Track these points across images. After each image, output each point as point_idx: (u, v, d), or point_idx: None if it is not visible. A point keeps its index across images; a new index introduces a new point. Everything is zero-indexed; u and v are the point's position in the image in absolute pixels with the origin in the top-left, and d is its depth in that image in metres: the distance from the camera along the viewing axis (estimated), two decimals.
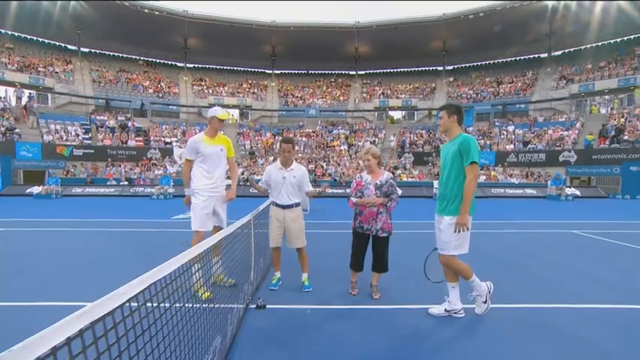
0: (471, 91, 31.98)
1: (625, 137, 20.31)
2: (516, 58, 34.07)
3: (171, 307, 1.66)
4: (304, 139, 27.74)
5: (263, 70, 37.17)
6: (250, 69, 37.32)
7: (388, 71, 37.29)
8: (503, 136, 25.42)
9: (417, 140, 26.89)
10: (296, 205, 4.04)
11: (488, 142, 24.76)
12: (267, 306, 3.52)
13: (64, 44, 31.51)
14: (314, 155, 25.16)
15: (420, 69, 36.93)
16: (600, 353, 2.64)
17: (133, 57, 34.28)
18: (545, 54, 31.61)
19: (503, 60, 34.51)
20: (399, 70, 37.19)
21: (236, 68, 37.00)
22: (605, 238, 7.16)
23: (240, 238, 3.30)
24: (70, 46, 31.55)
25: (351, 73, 37.35)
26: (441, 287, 3.56)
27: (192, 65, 35.47)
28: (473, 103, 30.33)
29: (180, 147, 24.24)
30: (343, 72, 37.67)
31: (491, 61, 34.77)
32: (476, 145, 3.06)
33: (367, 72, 37.48)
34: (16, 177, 19.64)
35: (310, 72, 37.89)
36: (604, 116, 24.32)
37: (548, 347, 2.73)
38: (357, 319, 3.29)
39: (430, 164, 23.66)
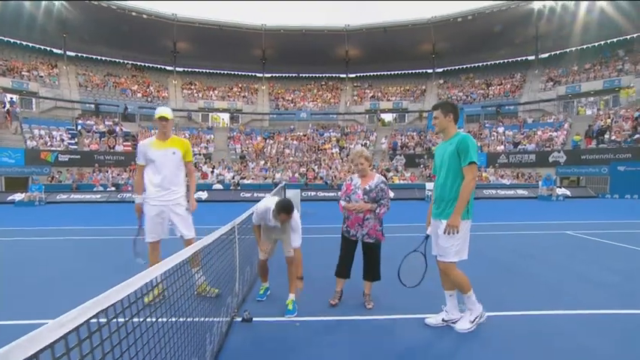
0: (460, 93, 32.19)
1: (612, 137, 20.56)
2: (505, 61, 34.44)
3: (134, 330, 1.46)
4: (295, 142, 27.53)
5: (253, 73, 36.93)
6: (241, 72, 37.03)
7: (379, 74, 37.36)
8: (493, 137, 25.57)
9: (408, 142, 26.89)
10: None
11: (479, 144, 24.87)
12: (253, 319, 3.30)
13: (49, 48, 30.85)
14: (305, 159, 24.96)
15: (410, 71, 37.08)
16: None
17: (121, 61, 33.77)
18: (533, 56, 32.02)
19: (493, 62, 34.85)
20: (389, 72, 37.28)
21: (226, 72, 36.69)
22: (598, 238, 7.09)
23: (223, 247, 3.07)
24: (55, 50, 30.90)
25: (341, 76, 37.33)
26: (437, 295, 3.37)
27: (181, 69, 35.07)
28: (463, 104, 30.50)
29: None
30: (334, 75, 37.64)
31: (480, 64, 35.07)
32: (474, 144, 2.91)
33: (358, 75, 37.52)
34: None
35: (301, 75, 37.76)
36: (590, 117, 24.64)
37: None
38: (350, 331, 3.08)
39: (422, 166, 23.64)
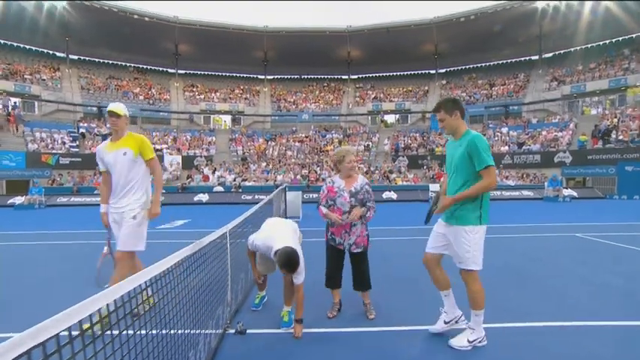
0: (464, 94, 31.90)
1: (619, 137, 20.21)
2: (508, 61, 34.12)
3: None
4: (297, 144, 27.35)
5: (255, 75, 36.84)
6: (242, 74, 36.95)
7: (381, 75, 37.15)
8: (497, 137, 25.26)
9: (411, 143, 26.63)
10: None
11: None
12: (247, 331, 3.07)
13: (51, 51, 30.90)
14: (307, 160, 24.77)
15: (412, 72, 36.82)
16: None
17: (123, 63, 33.77)
18: (537, 56, 31.68)
19: (496, 62, 34.54)
20: (391, 73, 37.06)
21: (228, 74, 36.60)
22: (609, 241, 6.81)
23: (213, 253, 2.85)
24: (58, 53, 30.95)
25: (343, 77, 37.15)
26: (436, 303, 3.13)
27: (183, 71, 35.01)
28: (466, 105, 30.19)
29: (170, 154, 23.72)
30: (336, 76, 37.48)
31: (483, 64, 34.77)
32: (486, 144, 2.66)
33: (360, 76, 37.33)
34: None
35: (303, 77, 37.63)
36: (596, 117, 24.28)
37: None
38: (350, 344, 2.85)
39: (425, 167, 23.37)
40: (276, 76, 37.25)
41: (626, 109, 22.44)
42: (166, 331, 1.90)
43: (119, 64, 33.62)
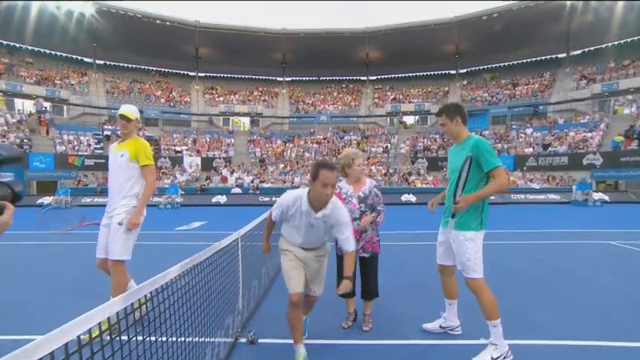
0: (485, 94, 31.02)
1: None
2: (533, 59, 32.90)
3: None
4: (315, 145, 27.31)
5: (274, 77, 37.06)
6: (261, 76, 37.26)
7: (400, 76, 36.62)
8: (521, 139, 24.39)
9: (430, 145, 26.10)
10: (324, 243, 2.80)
11: (506, 146, 23.78)
12: (259, 340, 2.98)
13: (80, 57, 32.12)
14: None
15: (432, 73, 36.11)
16: None
17: (146, 67, 34.68)
18: (564, 54, 30.41)
19: (519, 61, 33.35)
20: (411, 74, 36.47)
21: (247, 76, 37.00)
22: None
23: (224, 260, 2.76)
24: (86, 59, 32.14)
25: (362, 78, 36.87)
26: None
27: (203, 74, 35.64)
28: (488, 106, 29.38)
29: (190, 156, 24.15)
30: (354, 78, 37.23)
31: (506, 63, 33.65)
32: (490, 147, 2.71)
33: (378, 77, 36.93)
34: (29, 187, 19.77)
35: (321, 78, 37.59)
36: (630, 116, 23.04)
37: None
38: (366, 357, 2.71)
39: (445, 169, 22.82)
40: (294, 78, 37.36)
41: None
42: (171, 341, 1.82)
43: (142, 68, 34.57)
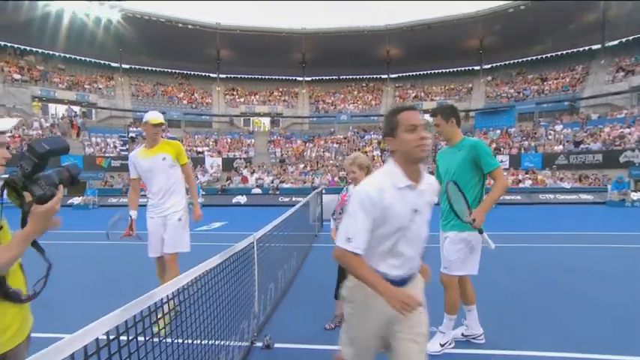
0: (511, 90, 29.93)
1: None
2: (563, 52, 31.46)
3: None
4: (335, 145, 27.21)
5: (294, 77, 37.23)
6: (281, 77, 37.51)
7: (421, 73, 35.90)
8: (550, 136, 23.36)
9: None
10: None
11: (533, 144, 22.84)
12: (275, 345, 2.95)
13: (107, 62, 33.39)
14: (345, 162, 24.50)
15: (455, 69, 35.25)
16: None
17: (169, 70, 35.65)
18: (598, 45, 28.86)
19: (548, 55, 31.98)
20: (433, 71, 35.75)
21: (267, 77, 37.35)
22: None
23: (239, 264, 2.73)
24: (112, 64, 33.37)
25: (382, 76, 36.44)
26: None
27: (224, 76, 36.27)
28: (514, 102, 28.32)
29: (211, 156, 24.60)
30: (375, 76, 36.85)
31: (534, 57, 32.37)
32: (487, 147, 2.77)
33: (400, 75, 36.36)
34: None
35: (341, 77, 37.44)
36: None
37: None
38: None
39: None
40: (314, 78, 37.37)
41: None
42: (184, 344, 1.80)
43: (165, 71, 35.56)
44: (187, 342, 1.88)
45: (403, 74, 36.20)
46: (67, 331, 1.08)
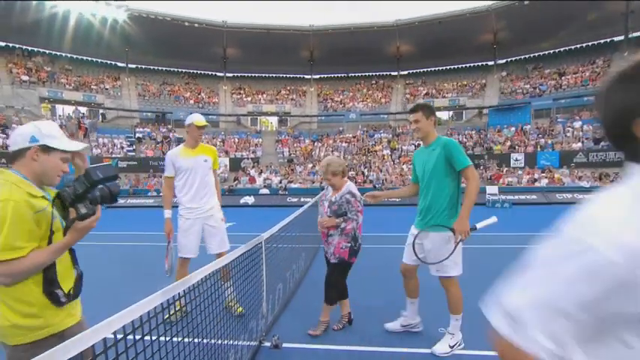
0: (527, 86, 29.54)
1: None
2: (582, 45, 30.89)
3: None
4: (344, 144, 27.24)
5: (301, 75, 37.33)
6: (288, 75, 37.62)
7: (433, 70, 35.73)
8: (568, 133, 23.03)
9: (466, 142, 25.24)
10: None
11: (550, 141, 22.53)
12: (283, 345, 3.02)
13: (113, 62, 33.98)
14: (355, 161, 24.52)
15: (467, 65, 34.92)
16: None
17: (176, 70, 36.10)
18: (621, 36, 28.23)
19: (566, 48, 31.44)
20: (444, 67, 35.50)
21: (274, 75, 37.51)
22: None
23: (247, 264, 2.81)
24: (119, 64, 33.95)
25: (392, 73, 36.31)
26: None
27: (231, 74, 36.59)
28: (530, 98, 27.94)
29: (218, 156, 24.84)
30: (384, 73, 36.75)
31: (551, 51, 31.90)
32: (460, 146, 2.90)
33: (410, 72, 36.20)
34: None
35: (350, 75, 37.41)
36: None
37: None
38: None
39: (482, 167, 22.00)
40: (322, 76, 37.43)
41: None
42: (193, 343, 1.88)
43: (172, 70, 36.02)
44: (196, 341, 1.95)
45: (414, 71, 36.05)
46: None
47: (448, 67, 35.38)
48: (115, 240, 8.37)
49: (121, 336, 1.31)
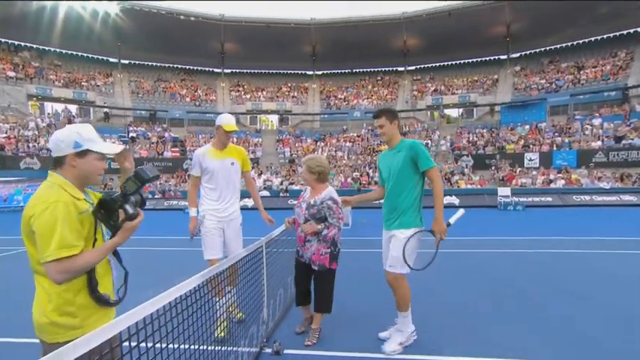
0: (542, 81, 29.48)
1: None
2: (602, 37, 30.70)
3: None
4: (348, 144, 27.27)
5: (303, 71, 37.44)
6: (289, 71, 37.76)
7: (442, 64, 35.70)
8: (587, 131, 22.94)
9: (477, 141, 25.21)
10: None
11: (567, 140, 22.45)
12: (284, 351, 3.05)
13: (105, 57, 34.20)
14: (359, 162, 24.55)
15: (479, 59, 34.91)
16: None
17: (171, 65, 36.26)
18: None
19: (585, 40, 31.28)
20: (454, 62, 35.48)
21: (275, 71, 37.64)
22: None
23: (248, 268, 2.85)
24: (111, 59, 34.17)
25: (399, 69, 36.38)
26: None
27: (229, 71, 36.76)
28: (545, 94, 27.87)
29: None
30: (390, 69, 36.83)
31: (568, 44, 31.81)
32: (425, 148, 3.09)
33: (417, 67, 36.22)
34: None
35: (354, 71, 37.51)
36: None
37: None
38: None
39: (493, 168, 21.97)
40: (325, 72, 37.50)
41: None
42: (192, 349, 1.90)
43: (167, 66, 36.18)
44: (195, 347, 1.97)
45: (421, 66, 36.06)
46: None
47: (458, 62, 35.36)
48: None
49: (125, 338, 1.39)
